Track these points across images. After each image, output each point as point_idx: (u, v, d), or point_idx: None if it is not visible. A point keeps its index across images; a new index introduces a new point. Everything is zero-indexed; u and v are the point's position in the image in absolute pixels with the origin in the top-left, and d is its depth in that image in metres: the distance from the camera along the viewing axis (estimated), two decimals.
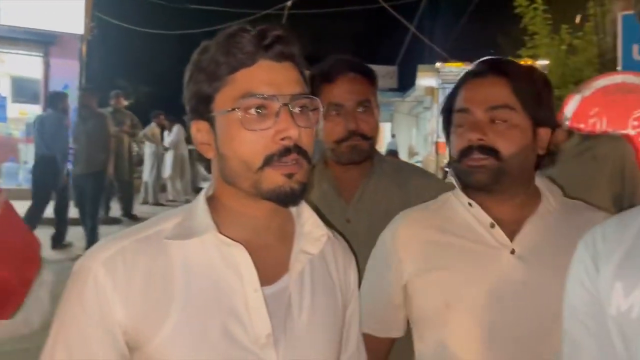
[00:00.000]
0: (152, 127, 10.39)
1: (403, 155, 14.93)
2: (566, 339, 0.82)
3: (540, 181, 1.17)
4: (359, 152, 1.50)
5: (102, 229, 7.78)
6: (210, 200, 0.94)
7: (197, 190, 12.87)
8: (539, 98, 1.10)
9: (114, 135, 8.44)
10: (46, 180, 6.22)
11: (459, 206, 1.16)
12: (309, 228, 0.97)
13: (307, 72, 0.94)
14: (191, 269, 0.87)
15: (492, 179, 1.07)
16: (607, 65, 6.53)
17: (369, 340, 1.20)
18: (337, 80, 1.49)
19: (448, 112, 1.17)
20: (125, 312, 0.84)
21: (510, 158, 1.07)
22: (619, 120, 4.28)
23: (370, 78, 1.54)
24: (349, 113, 1.49)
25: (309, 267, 0.97)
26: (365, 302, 1.22)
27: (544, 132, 1.12)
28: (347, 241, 1.12)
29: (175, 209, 0.97)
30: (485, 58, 1.18)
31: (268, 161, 0.85)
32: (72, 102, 8.87)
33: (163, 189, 11.00)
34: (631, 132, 4.17)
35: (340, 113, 1.49)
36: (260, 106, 0.85)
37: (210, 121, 0.89)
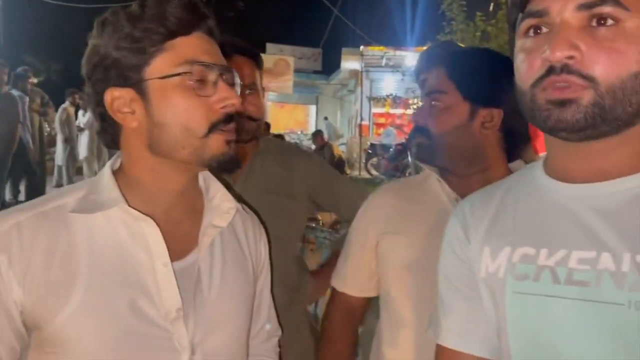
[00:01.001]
0: (67, 107, 9.86)
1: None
2: (442, 303, 0.87)
3: (517, 164, 1.23)
4: (245, 132, 1.52)
5: None
6: (117, 174, 0.92)
7: None
8: (477, 79, 1.17)
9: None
10: None
11: (434, 181, 1.25)
12: (218, 202, 0.98)
13: None
14: (96, 245, 0.85)
15: (425, 155, 1.23)
16: None
17: (344, 297, 1.36)
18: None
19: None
20: (23, 290, 0.81)
21: (439, 137, 1.18)
22: None
23: (257, 61, 1.58)
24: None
25: (219, 240, 0.97)
26: (341, 263, 1.37)
27: (486, 112, 1.16)
28: None
29: (77, 183, 0.94)
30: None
31: (212, 128, 0.86)
32: None
33: (79, 171, 10.51)
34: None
35: None
36: (201, 74, 0.86)
37: (138, 88, 0.86)
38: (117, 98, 0.87)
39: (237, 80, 0.93)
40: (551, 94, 0.69)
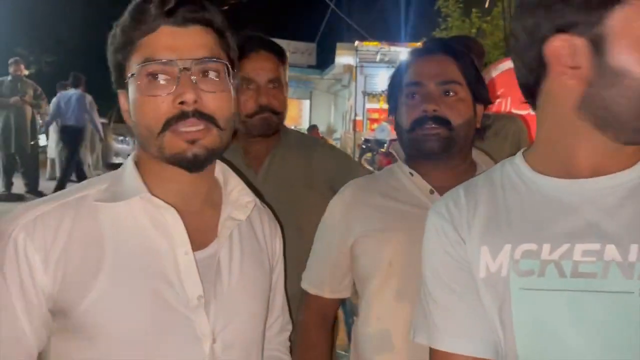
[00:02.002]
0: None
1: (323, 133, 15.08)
2: (435, 305, 0.85)
3: (476, 154, 1.29)
4: (269, 125, 1.57)
5: (4, 206, 7.32)
6: (138, 165, 0.93)
7: (109, 165, 12.38)
8: (478, 77, 1.23)
9: (14, 105, 7.89)
10: None
11: (402, 176, 1.26)
12: (236, 195, 0.99)
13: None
14: (120, 233, 0.87)
15: (443, 147, 1.17)
16: None
17: (318, 301, 1.34)
18: (250, 56, 1.54)
19: (395, 87, 1.26)
20: (48, 276, 0.83)
21: (458, 128, 1.17)
22: (522, 101, 4.60)
23: (281, 56, 1.61)
24: (260, 88, 1.55)
25: (237, 232, 0.99)
26: (313, 266, 1.35)
27: (480, 109, 1.24)
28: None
29: (100, 176, 0.96)
30: (433, 38, 1.33)
31: (167, 125, 0.85)
32: None
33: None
34: (532, 112, 4.49)
35: (252, 88, 1.54)
36: (158, 72, 0.85)
37: (126, 89, 0.89)
38: (121, 99, 0.92)
39: (225, 70, 0.89)
40: None
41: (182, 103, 0.84)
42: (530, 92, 0.81)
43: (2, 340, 0.82)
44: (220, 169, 1.01)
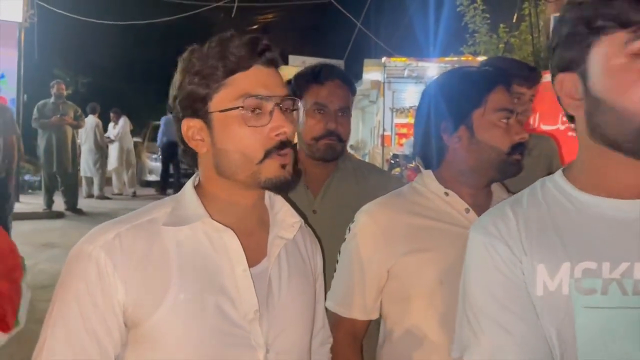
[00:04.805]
0: (96, 119, 10.13)
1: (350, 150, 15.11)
2: (491, 324, 0.83)
3: None
4: (333, 151, 1.66)
5: (45, 224, 7.58)
6: (197, 190, 1.03)
7: (143, 183, 12.57)
8: None
9: (55, 125, 8.14)
10: None
11: (430, 194, 1.30)
12: (283, 216, 1.08)
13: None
14: (184, 253, 0.96)
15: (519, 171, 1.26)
16: (541, 63, 6.94)
17: (353, 324, 1.33)
18: (325, 83, 1.65)
19: (468, 109, 1.26)
20: (125, 292, 0.92)
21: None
22: (550, 116, 4.60)
23: (352, 87, 1.71)
24: (331, 114, 1.64)
25: (284, 250, 1.08)
26: (345, 288, 1.33)
27: None
28: (314, 230, 1.25)
29: (163, 200, 1.05)
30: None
31: (267, 154, 0.95)
32: (11, 92, 8.53)
33: (108, 182, 10.76)
34: (561, 127, 4.49)
35: (323, 113, 1.64)
36: (257, 106, 0.95)
37: (205, 119, 0.98)
38: (191, 127, 1.00)
39: (298, 105, 1.03)
40: None
41: (278, 135, 0.95)
42: (569, 116, 0.88)
43: (87, 345, 0.91)
44: (267, 193, 1.10)
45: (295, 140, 1.12)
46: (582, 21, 0.77)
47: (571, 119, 0.86)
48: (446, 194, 1.29)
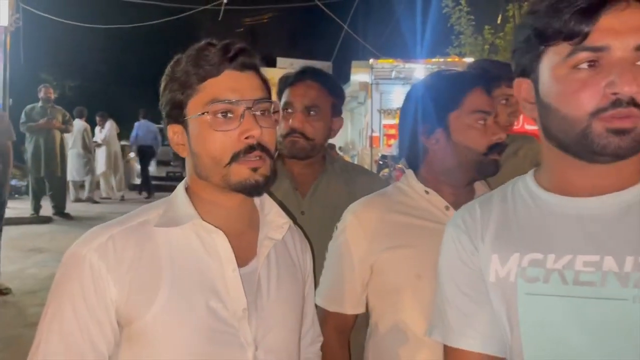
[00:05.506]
0: (84, 123, 10.08)
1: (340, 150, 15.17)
2: (451, 308, 0.94)
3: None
4: (297, 148, 1.69)
5: (33, 229, 7.52)
6: (187, 193, 1.06)
7: (131, 187, 12.53)
8: None
9: (44, 129, 8.07)
10: None
11: (413, 193, 1.35)
12: (272, 217, 1.11)
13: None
14: (175, 253, 0.99)
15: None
16: None
17: (339, 317, 1.38)
18: (294, 84, 1.71)
19: (445, 112, 1.30)
20: (118, 292, 0.94)
21: None
22: None
23: (329, 88, 1.73)
24: (297, 113, 1.68)
25: (273, 251, 1.10)
26: (333, 284, 1.39)
27: None
28: (303, 230, 1.28)
29: (156, 202, 1.08)
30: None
31: (235, 157, 0.97)
32: None
33: (95, 186, 10.71)
34: None
35: (290, 112, 1.69)
36: (226, 110, 0.97)
37: (184, 124, 1.02)
38: (175, 132, 1.04)
39: (277, 107, 1.05)
40: (615, 123, 0.76)
41: (247, 138, 0.97)
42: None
43: (81, 344, 0.94)
44: None
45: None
46: (534, 31, 0.82)
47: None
48: (427, 192, 1.34)
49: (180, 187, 1.07)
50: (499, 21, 8.35)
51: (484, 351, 0.90)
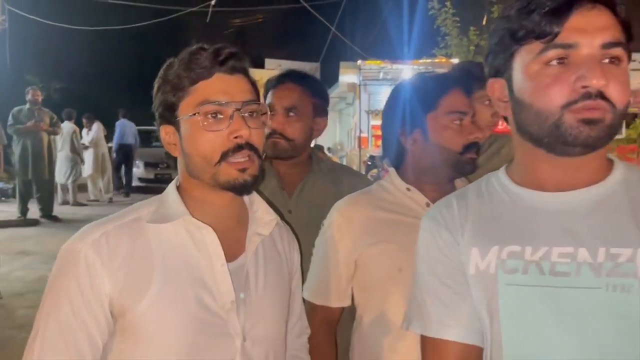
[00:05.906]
0: (72, 125, 10.02)
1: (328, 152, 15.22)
2: (430, 298, 0.96)
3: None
4: (280, 149, 1.74)
5: (20, 231, 7.48)
6: (179, 191, 1.10)
7: (119, 188, 12.43)
8: None
9: (31, 131, 8.02)
10: None
11: (395, 191, 1.40)
12: (261, 214, 1.15)
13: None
14: (166, 248, 1.03)
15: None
16: None
17: (325, 311, 1.43)
18: (276, 87, 1.76)
19: (422, 113, 1.36)
20: (112, 285, 0.99)
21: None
22: None
23: (310, 90, 1.78)
24: (277, 114, 1.73)
25: (261, 246, 1.15)
26: (319, 278, 1.44)
27: None
28: (290, 226, 1.32)
29: (148, 200, 1.12)
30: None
31: (224, 157, 1.01)
32: None
33: (83, 188, 10.65)
34: None
35: (272, 113, 1.73)
36: (216, 111, 1.02)
37: (176, 125, 1.06)
38: (167, 133, 1.09)
39: (265, 109, 1.09)
40: (585, 114, 0.81)
41: (236, 137, 1.01)
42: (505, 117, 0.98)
43: (77, 335, 0.98)
44: None
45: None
46: (507, 32, 0.88)
47: (506, 119, 0.97)
48: (408, 189, 1.39)
49: (172, 186, 1.11)
50: (484, 22, 8.44)
51: (464, 341, 0.92)
